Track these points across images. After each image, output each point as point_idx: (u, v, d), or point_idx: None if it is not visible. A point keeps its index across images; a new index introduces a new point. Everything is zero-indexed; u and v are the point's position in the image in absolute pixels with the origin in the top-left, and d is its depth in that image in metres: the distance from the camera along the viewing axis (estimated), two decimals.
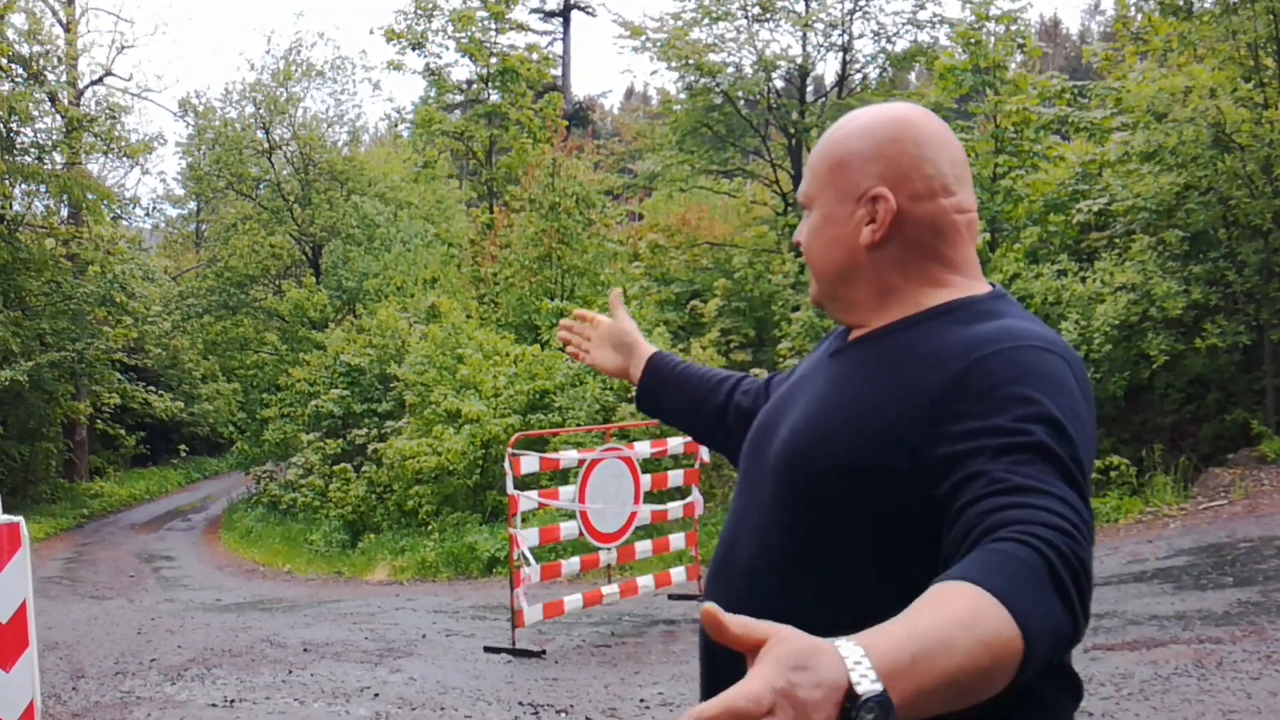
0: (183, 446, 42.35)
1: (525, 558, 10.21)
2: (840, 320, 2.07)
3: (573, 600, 10.83)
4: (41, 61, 30.86)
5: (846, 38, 26.44)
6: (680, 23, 26.08)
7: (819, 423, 1.91)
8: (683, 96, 26.90)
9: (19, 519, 5.91)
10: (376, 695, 8.78)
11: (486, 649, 10.44)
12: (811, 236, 2.03)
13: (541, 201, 25.20)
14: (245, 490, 33.10)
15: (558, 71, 47.83)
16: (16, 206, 31.22)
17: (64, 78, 32.74)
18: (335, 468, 24.40)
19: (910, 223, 1.95)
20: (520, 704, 8.26)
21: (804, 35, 26.22)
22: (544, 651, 10.14)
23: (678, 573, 11.96)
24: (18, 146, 29.95)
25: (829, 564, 1.85)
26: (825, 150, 2.02)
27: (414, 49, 33.09)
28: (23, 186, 31.07)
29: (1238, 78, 16.44)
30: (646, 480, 11.51)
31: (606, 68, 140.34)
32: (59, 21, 34.45)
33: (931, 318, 1.93)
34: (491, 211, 30.52)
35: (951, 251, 1.97)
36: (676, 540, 12.17)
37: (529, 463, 10.90)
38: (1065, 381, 1.78)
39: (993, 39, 21.74)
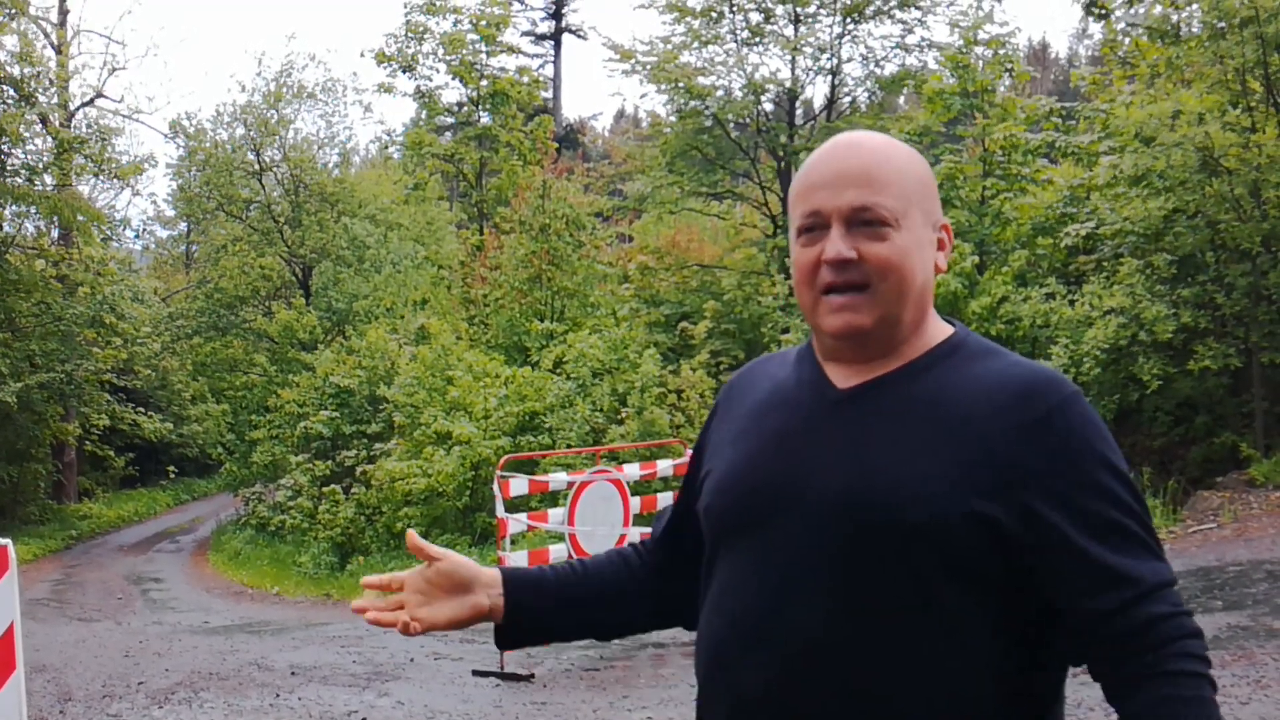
0: (171, 468, 42.30)
1: None
2: (858, 353, 1.97)
3: None
4: (33, 83, 30.85)
5: (835, 61, 26.52)
6: (670, 46, 26.15)
7: (891, 474, 1.85)
8: (672, 119, 26.94)
9: (7, 541, 5.90)
10: (364, 719, 8.75)
11: (475, 673, 10.40)
12: (905, 254, 1.92)
13: (531, 223, 25.24)
14: (234, 512, 33.04)
15: (548, 94, 48.04)
16: (7, 228, 31.23)
17: (55, 99, 32.71)
18: (324, 489, 24.34)
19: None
20: None
21: (793, 59, 26.29)
22: (532, 675, 10.11)
23: None
24: (8, 168, 29.93)
25: (907, 623, 1.82)
26: (903, 168, 1.96)
27: (405, 71, 33.14)
28: (13, 208, 31.07)
29: (1225, 102, 16.51)
30: (636, 503, 11.49)
31: (597, 90, 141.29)
32: (50, 43, 34.49)
33: (949, 356, 1.97)
34: (481, 233, 30.54)
35: None
36: None
37: (518, 485, 10.90)
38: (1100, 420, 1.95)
39: (981, 63, 21.84)
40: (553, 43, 58.90)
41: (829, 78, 26.98)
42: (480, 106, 33.17)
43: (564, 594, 2.22)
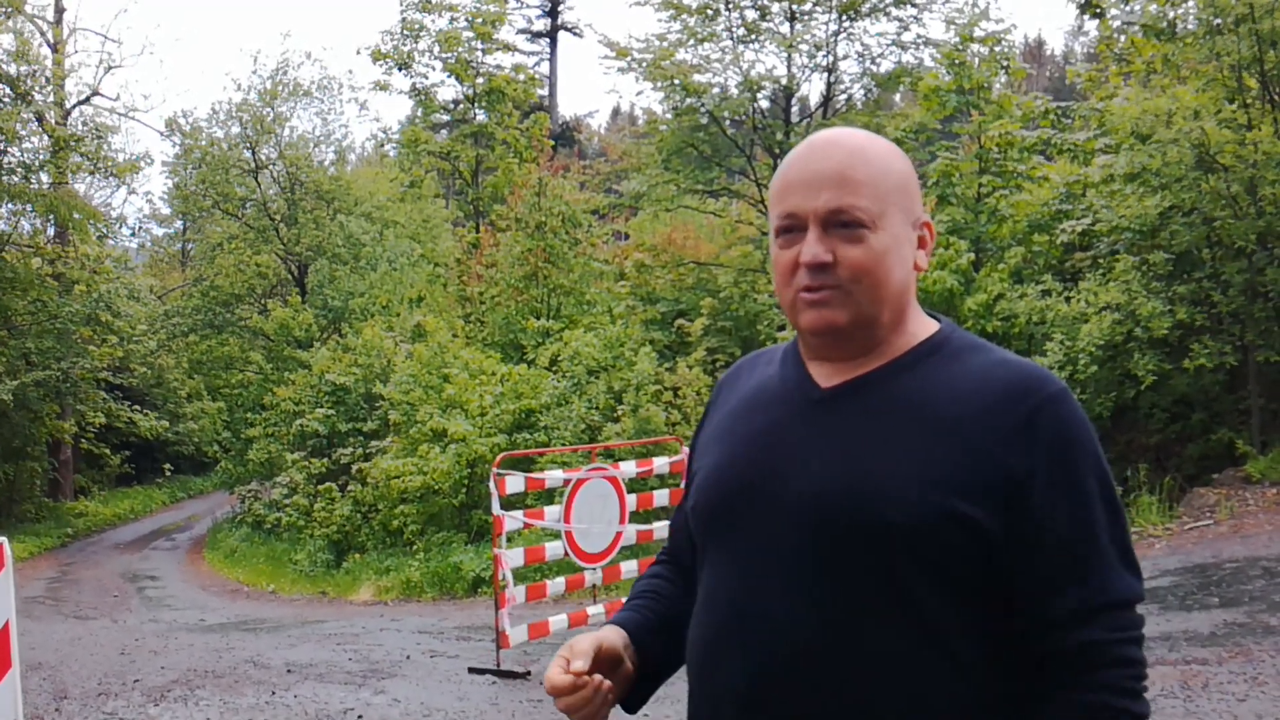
0: (167, 466, 42.27)
1: (507, 579, 10.17)
2: (837, 350, 1.98)
3: (558, 621, 10.79)
4: (29, 81, 30.81)
5: (831, 59, 26.52)
6: (666, 44, 26.13)
7: (873, 475, 1.85)
8: (668, 116, 26.92)
9: (3, 539, 5.90)
10: (360, 717, 8.74)
11: (471, 670, 10.39)
12: (881, 256, 1.91)
13: (527, 221, 25.21)
14: (230, 510, 33.00)
15: (544, 91, 48.03)
16: (3, 226, 31.28)
17: (51, 98, 32.69)
18: (320, 487, 24.31)
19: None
20: None
21: (789, 56, 26.29)
22: (529, 673, 10.10)
23: None
24: (4, 166, 29.91)
25: (888, 625, 1.82)
26: (881, 167, 1.95)
27: (400, 69, 33.15)
28: (9, 206, 31.08)
29: (1221, 99, 16.50)
30: (632, 500, 11.46)
31: (593, 88, 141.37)
32: (47, 42, 34.44)
33: (933, 353, 1.97)
34: (477, 231, 30.49)
35: None
36: None
37: (514, 482, 10.87)
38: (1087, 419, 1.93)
39: (977, 60, 21.84)
40: (548, 40, 58.94)
41: (825, 75, 27.00)
42: (476, 104, 33.20)
43: (662, 623, 2.17)
